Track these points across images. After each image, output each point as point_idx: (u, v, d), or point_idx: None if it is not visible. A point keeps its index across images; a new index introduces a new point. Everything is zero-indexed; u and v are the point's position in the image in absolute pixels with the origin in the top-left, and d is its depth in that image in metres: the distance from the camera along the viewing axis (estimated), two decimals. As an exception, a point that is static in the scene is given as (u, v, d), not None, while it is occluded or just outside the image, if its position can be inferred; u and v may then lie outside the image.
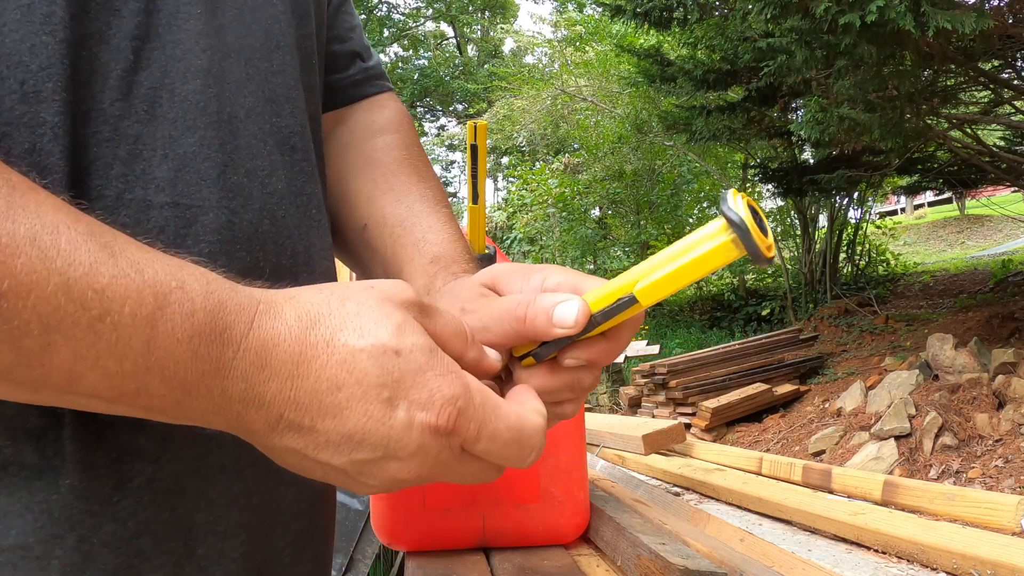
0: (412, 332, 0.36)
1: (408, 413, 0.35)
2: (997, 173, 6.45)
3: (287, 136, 0.50)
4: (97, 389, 0.32)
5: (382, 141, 0.64)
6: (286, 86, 0.50)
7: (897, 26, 3.43)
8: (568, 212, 11.99)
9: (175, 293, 0.33)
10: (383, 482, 0.37)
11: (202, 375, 0.33)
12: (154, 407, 0.34)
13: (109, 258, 0.32)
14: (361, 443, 0.35)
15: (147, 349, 0.32)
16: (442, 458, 0.37)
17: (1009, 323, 4.90)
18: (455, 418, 0.36)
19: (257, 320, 0.35)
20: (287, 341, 0.35)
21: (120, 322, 0.31)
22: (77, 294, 0.30)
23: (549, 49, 15.59)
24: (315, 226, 0.51)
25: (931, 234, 17.92)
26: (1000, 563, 2.40)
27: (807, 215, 9.15)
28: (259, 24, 0.49)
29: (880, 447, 4.01)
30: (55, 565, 0.37)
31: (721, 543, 1.05)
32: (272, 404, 0.34)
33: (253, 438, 0.36)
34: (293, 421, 0.35)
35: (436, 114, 25.72)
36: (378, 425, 0.35)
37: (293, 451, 0.36)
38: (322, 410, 0.35)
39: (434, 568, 0.95)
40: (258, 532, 0.46)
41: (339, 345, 0.35)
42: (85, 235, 0.32)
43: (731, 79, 7.10)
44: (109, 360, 0.31)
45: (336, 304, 0.36)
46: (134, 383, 0.32)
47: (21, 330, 0.29)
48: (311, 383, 0.34)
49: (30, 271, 0.29)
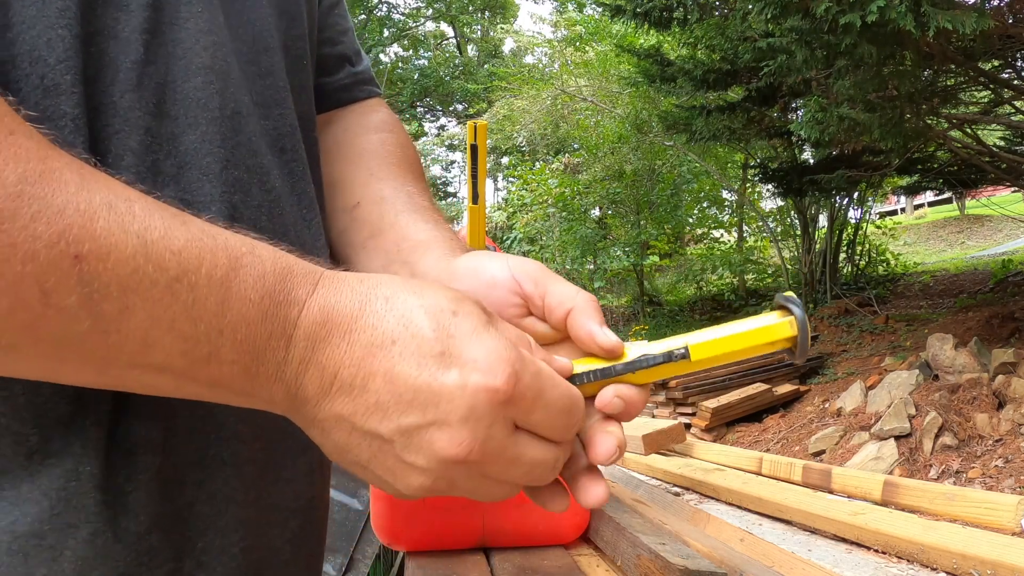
0: (471, 303, 0.37)
1: (462, 372, 0.34)
2: (997, 173, 6.45)
3: (277, 137, 0.50)
4: (169, 358, 0.32)
5: (377, 137, 0.64)
6: (275, 88, 0.51)
7: (897, 26, 3.42)
8: (568, 212, 11.98)
9: (247, 257, 0.34)
10: (432, 462, 0.35)
11: (270, 336, 0.34)
12: (223, 378, 0.34)
13: (182, 225, 0.33)
14: (411, 404, 0.34)
15: (221, 310, 0.32)
16: (494, 433, 0.35)
17: (1009, 323, 4.89)
18: (513, 382, 0.34)
19: (322, 282, 0.36)
20: (348, 298, 0.35)
21: (197, 283, 0.32)
22: (155, 255, 0.31)
23: (549, 49, 15.59)
24: (308, 225, 0.52)
25: (931, 234, 17.92)
26: (1000, 563, 2.40)
27: (807, 215, 9.14)
28: (246, 27, 0.49)
29: (880, 447, 4.01)
30: (67, 556, 0.37)
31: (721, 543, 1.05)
32: (328, 363, 0.34)
33: (306, 410, 0.36)
34: (346, 380, 0.34)
35: (436, 114, 25.72)
36: (429, 381, 0.34)
37: (341, 420, 0.35)
38: (375, 366, 0.34)
39: (434, 568, 0.95)
40: (256, 529, 0.46)
41: (398, 302, 0.35)
42: (156, 205, 0.33)
43: (731, 79, 7.10)
44: (184, 322, 0.32)
45: (400, 278, 0.37)
46: (207, 347, 0.32)
47: (101, 293, 0.30)
48: (367, 336, 0.34)
49: (108, 234, 0.30)
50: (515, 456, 0.37)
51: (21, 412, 0.37)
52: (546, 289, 0.46)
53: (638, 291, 11.80)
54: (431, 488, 0.37)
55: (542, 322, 0.47)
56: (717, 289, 11.40)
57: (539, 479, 0.39)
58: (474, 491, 0.38)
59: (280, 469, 0.48)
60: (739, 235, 11.64)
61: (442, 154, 24.23)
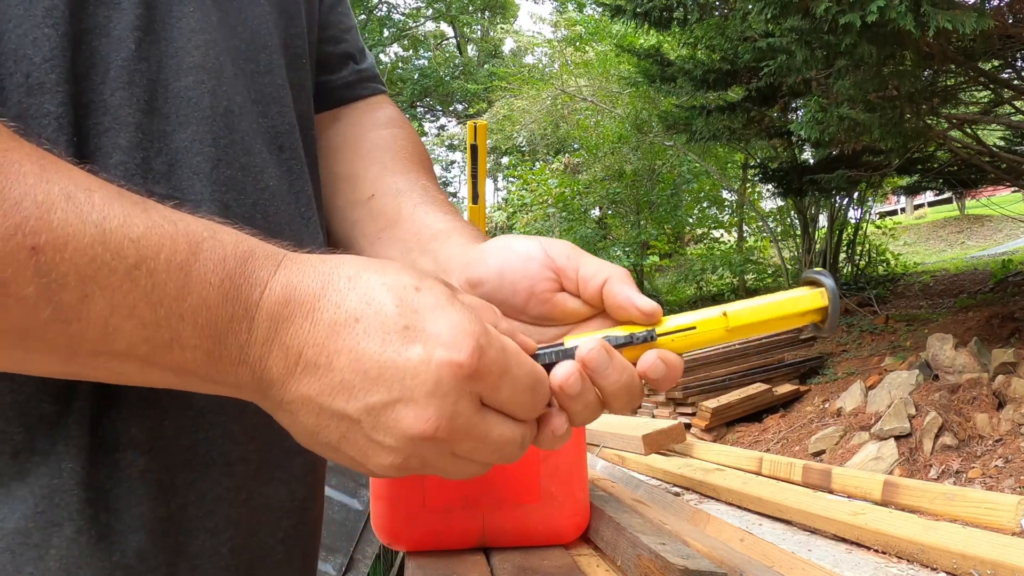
0: (434, 278, 0.37)
1: (426, 347, 0.34)
2: (997, 173, 6.45)
3: (275, 135, 0.50)
4: (132, 344, 0.32)
5: (388, 132, 0.64)
6: (273, 85, 0.51)
7: (897, 26, 3.42)
8: (568, 212, 11.98)
9: (208, 241, 0.34)
10: (400, 440, 0.35)
11: (231, 319, 0.34)
12: (186, 364, 0.34)
13: (142, 212, 0.33)
14: (376, 381, 0.34)
15: (181, 295, 0.32)
16: (461, 409, 0.35)
17: (1009, 323, 4.89)
18: (478, 356, 0.34)
19: (284, 263, 0.36)
20: (311, 277, 0.35)
21: (156, 268, 0.32)
22: (113, 244, 0.31)
23: (549, 49, 15.59)
24: (306, 223, 0.51)
25: (931, 234, 17.91)
26: (1000, 563, 2.40)
27: (807, 215, 9.14)
28: (243, 25, 0.49)
29: (880, 447, 4.01)
30: (52, 555, 0.37)
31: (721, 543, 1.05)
32: (292, 343, 0.34)
33: (273, 392, 0.36)
34: (310, 360, 0.34)
35: (436, 114, 25.72)
36: (394, 357, 0.34)
37: (308, 401, 0.35)
38: (339, 344, 0.34)
39: (434, 568, 0.95)
40: (247, 529, 0.46)
41: (361, 280, 0.35)
42: (117, 194, 0.33)
43: (731, 79, 7.10)
44: (144, 308, 0.32)
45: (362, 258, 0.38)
46: (168, 333, 0.33)
47: (59, 283, 0.30)
48: (330, 315, 0.34)
49: (66, 224, 0.30)
50: (483, 433, 0.36)
51: (6, 411, 0.37)
52: (579, 262, 0.46)
53: (638, 291, 11.78)
54: (402, 466, 0.36)
55: (574, 297, 0.46)
56: (717, 289, 11.40)
57: (508, 457, 0.38)
58: (444, 469, 0.38)
59: (274, 469, 0.48)
60: (739, 235, 11.65)
61: (442, 154, 24.23)
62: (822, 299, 0.43)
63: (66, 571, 0.37)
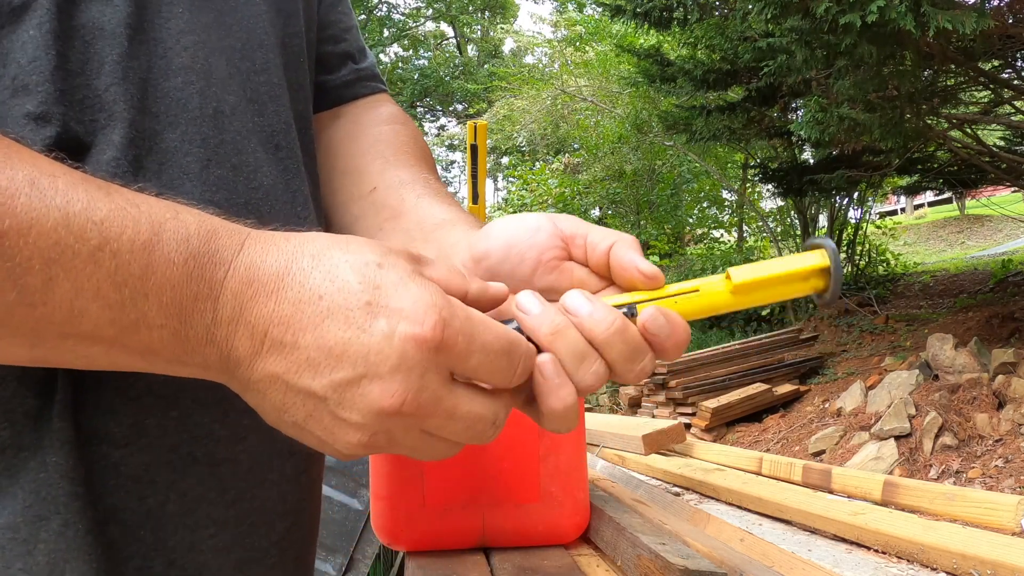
0: (397, 255, 0.37)
1: (389, 322, 0.34)
2: (997, 173, 6.45)
3: (271, 134, 0.50)
4: (98, 326, 0.33)
5: (389, 128, 0.64)
6: (269, 84, 0.51)
7: (897, 26, 3.42)
8: (568, 212, 11.98)
9: (170, 222, 0.34)
10: (367, 416, 0.35)
11: (196, 298, 0.34)
12: (152, 344, 0.34)
13: (105, 196, 0.33)
14: (340, 358, 0.34)
15: (145, 274, 0.33)
16: (428, 383, 0.35)
17: (1009, 323, 4.89)
18: (441, 329, 0.34)
19: (248, 242, 0.36)
20: (274, 256, 0.36)
21: (119, 250, 0.32)
22: (77, 227, 0.32)
23: (549, 49, 15.59)
24: (302, 223, 0.52)
25: (931, 234, 17.91)
26: (1000, 563, 2.40)
27: (807, 215, 9.14)
28: (239, 24, 0.50)
29: (880, 447, 4.01)
30: (41, 549, 0.38)
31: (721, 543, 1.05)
32: (257, 321, 0.35)
33: (240, 372, 0.36)
34: (276, 338, 0.34)
35: (436, 114, 25.72)
36: (358, 333, 0.34)
37: (275, 379, 0.35)
38: (303, 322, 0.34)
39: (434, 568, 0.95)
40: (235, 529, 0.46)
41: (324, 258, 0.35)
42: (81, 179, 0.33)
43: (731, 79, 7.10)
44: (109, 289, 0.32)
45: (327, 235, 0.38)
46: (133, 313, 0.33)
47: (23, 267, 0.30)
48: (295, 293, 0.35)
49: (29, 209, 0.31)
50: (452, 408, 0.36)
51: None
52: (588, 230, 0.46)
53: (638, 291, 11.78)
54: (368, 444, 0.36)
55: (582, 266, 0.47)
56: (717, 289, 11.38)
57: (480, 436, 0.38)
58: (414, 448, 0.38)
59: (265, 472, 0.48)
60: (739, 235, 11.64)
61: (442, 154, 24.22)
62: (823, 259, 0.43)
63: (53, 565, 0.38)
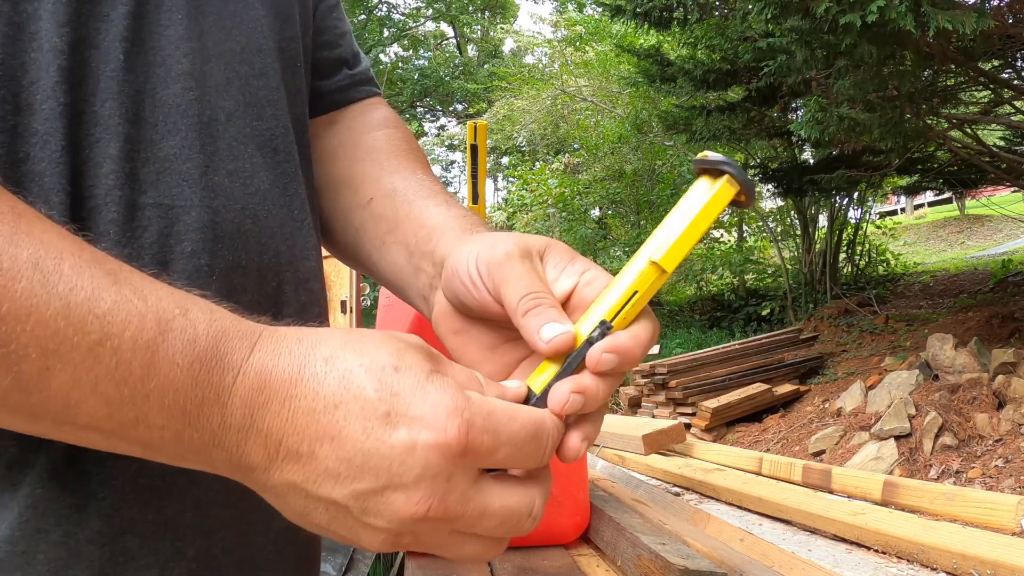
0: (413, 355, 0.35)
1: (409, 432, 0.33)
2: (997, 173, 6.45)
3: (269, 138, 0.51)
4: (95, 418, 0.32)
5: (383, 134, 0.64)
6: (268, 88, 0.51)
7: (897, 26, 3.42)
8: (568, 212, 11.99)
9: (178, 320, 0.33)
10: (392, 522, 0.34)
11: (202, 403, 0.33)
12: (153, 441, 0.33)
13: (112, 284, 0.32)
14: (361, 468, 0.33)
15: (147, 374, 0.31)
16: (455, 486, 0.34)
17: (1009, 323, 4.90)
18: (465, 432, 0.33)
19: (259, 344, 0.35)
20: (286, 361, 0.34)
21: (120, 347, 0.31)
22: (77, 319, 0.30)
23: (549, 49, 15.59)
24: (299, 226, 0.52)
25: (931, 234, 17.91)
26: (1000, 563, 2.40)
27: (807, 215, 9.14)
28: (239, 28, 0.50)
29: (880, 447, 4.01)
30: (40, 560, 0.38)
31: (721, 543, 1.04)
32: (271, 431, 0.33)
33: (255, 476, 0.35)
34: (292, 448, 0.33)
35: (436, 114, 25.71)
36: (378, 444, 0.33)
37: (294, 487, 0.34)
38: (320, 432, 0.33)
39: (434, 568, 0.95)
40: (239, 529, 0.46)
41: (338, 362, 0.34)
42: (90, 262, 0.32)
43: (731, 79, 7.10)
44: (108, 386, 0.31)
45: (340, 333, 0.36)
46: (132, 411, 0.32)
47: (18, 354, 0.29)
48: (308, 403, 0.33)
49: (30, 295, 0.30)
50: (482, 507, 0.35)
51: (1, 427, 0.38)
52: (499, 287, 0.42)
53: (638, 291, 11.78)
54: (395, 543, 0.36)
55: None
56: (717, 289, 11.40)
57: (518, 528, 0.37)
58: (444, 547, 0.37)
59: None
60: (739, 235, 11.64)
61: (442, 154, 24.23)
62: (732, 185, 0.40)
63: (54, 573, 0.38)
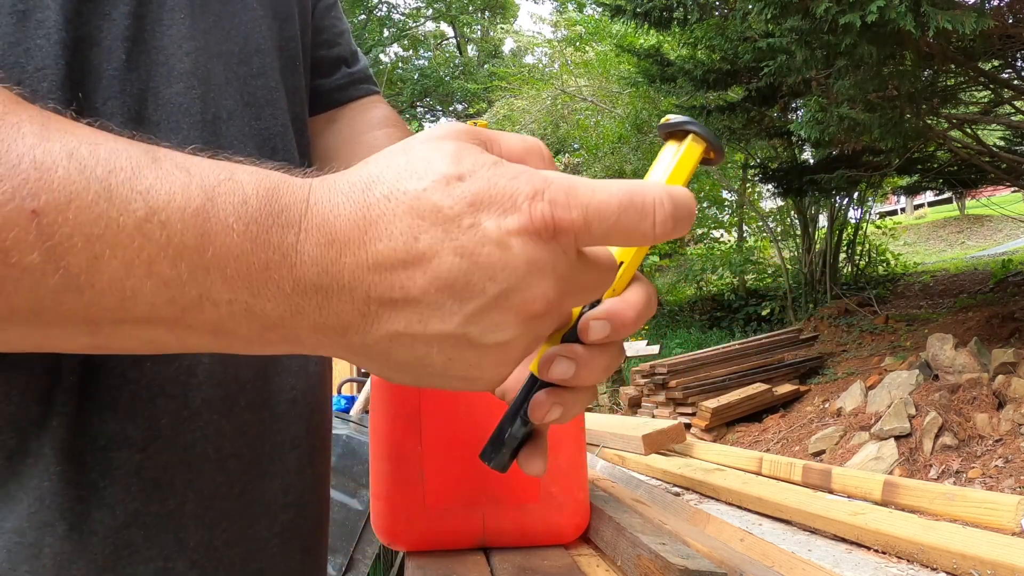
0: (470, 153, 0.33)
1: (498, 228, 0.31)
2: (997, 173, 6.45)
3: (268, 137, 0.51)
4: (156, 306, 0.30)
5: (383, 133, 0.65)
6: (267, 88, 0.52)
7: (897, 26, 3.43)
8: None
9: (224, 184, 0.31)
10: (517, 329, 0.32)
11: (267, 267, 0.31)
12: (223, 322, 0.31)
13: (152, 162, 0.31)
14: (466, 288, 0.31)
15: (201, 244, 0.30)
16: (562, 270, 0.32)
17: (1009, 323, 4.90)
18: (549, 212, 0.31)
19: (312, 196, 0.32)
20: (347, 208, 0.32)
21: (169, 219, 0.29)
22: (120, 199, 0.29)
23: (549, 49, 15.59)
24: None
25: (931, 234, 17.92)
26: (1000, 563, 2.40)
27: (807, 215, 9.14)
28: (238, 29, 0.50)
29: (880, 447, 4.01)
30: (47, 553, 0.38)
31: (721, 543, 1.04)
32: (354, 283, 0.31)
33: (350, 338, 0.32)
34: (384, 296, 0.31)
35: (436, 114, 25.71)
36: (473, 258, 0.31)
37: (398, 337, 0.32)
38: (407, 269, 0.31)
39: (434, 568, 0.95)
40: (241, 521, 0.47)
41: (400, 194, 0.32)
42: (126, 145, 0.31)
43: (731, 79, 7.10)
44: (163, 264, 0.29)
45: (386, 162, 0.34)
46: (194, 289, 0.30)
47: (64, 246, 0.28)
48: (385, 244, 0.31)
49: (68, 183, 0.29)
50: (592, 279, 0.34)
51: None
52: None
53: (638, 291, 11.78)
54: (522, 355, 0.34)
55: None
56: (717, 289, 11.40)
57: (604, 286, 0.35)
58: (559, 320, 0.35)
59: (267, 464, 0.49)
60: (739, 235, 11.65)
61: (442, 154, 24.16)
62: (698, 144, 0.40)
63: (59, 567, 0.39)
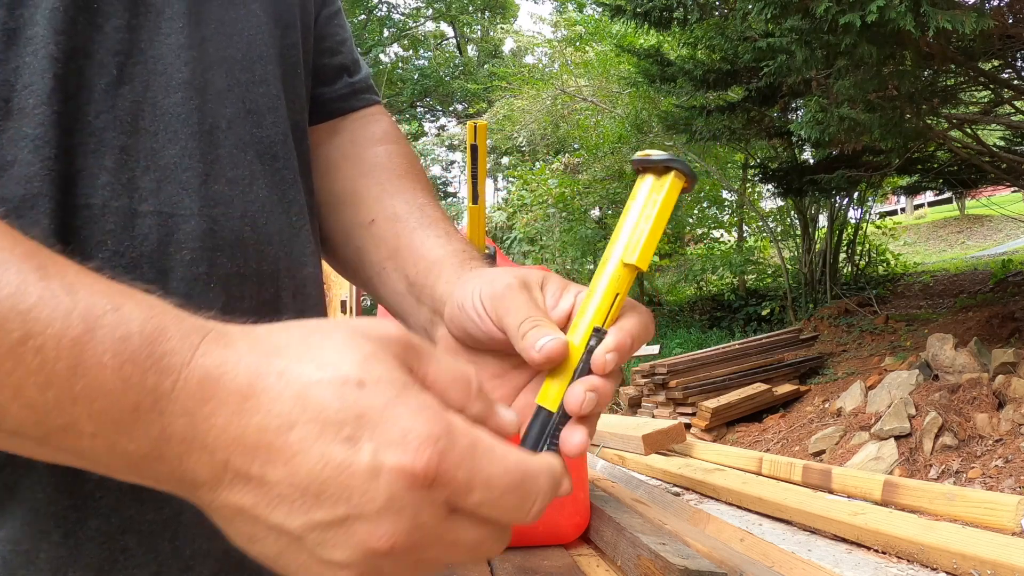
0: (382, 363, 0.31)
1: (374, 456, 0.29)
2: (997, 173, 6.45)
3: (268, 145, 0.51)
4: (22, 425, 0.30)
5: (384, 150, 0.65)
6: (268, 96, 0.51)
7: (897, 26, 3.42)
8: (568, 212, 11.98)
9: (108, 316, 0.30)
10: (353, 556, 0.30)
11: (136, 409, 0.29)
12: (86, 452, 0.30)
13: (40, 280, 0.30)
14: (319, 497, 0.29)
15: (72, 375, 0.29)
16: (424, 520, 0.30)
17: (1009, 323, 4.90)
18: (436, 462, 0.30)
19: (203, 347, 0.31)
20: (235, 370, 0.30)
21: (44, 346, 0.29)
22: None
23: (549, 49, 15.58)
24: (297, 232, 0.52)
25: (931, 234, 17.92)
26: (1000, 563, 2.40)
27: (807, 215, 9.14)
28: (240, 36, 0.50)
29: (880, 447, 4.00)
30: (42, 559, 0.38)
31: (721, 543, 1.04)
32: (217, 446, 0.30)
33: (201, 494, 0.32)
34: (240, 469, 0.30)
35: (436, 114, 25.70)
36: (337, 472, 0.29)
37: (242, 512, 0.31)
38: (272, 454, 0.30)
39: (434, 568, 0.95)
40: None
41: (294, 376, 0.30)
42: (21, 257, 0.30)
43: (731, 79, 7.10)
44: (32, 389, 0.29)
45: (298, 336, 0.32)
46: (60, 417, 0.29)
47: None
48: (260, 419, 0.30)
49: None
50: (452, 541, 0.32)
51: None
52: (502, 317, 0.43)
53: (638, 291, 11.80)
54: None
55: None
56: (717, 289, 11.40)
57: (489, 552, 0.34)
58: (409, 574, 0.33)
59: None
60: (739, 235, 11.64)
61: (442, 154, 24.23)
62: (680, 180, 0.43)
63: (54, 572, 0.39)
